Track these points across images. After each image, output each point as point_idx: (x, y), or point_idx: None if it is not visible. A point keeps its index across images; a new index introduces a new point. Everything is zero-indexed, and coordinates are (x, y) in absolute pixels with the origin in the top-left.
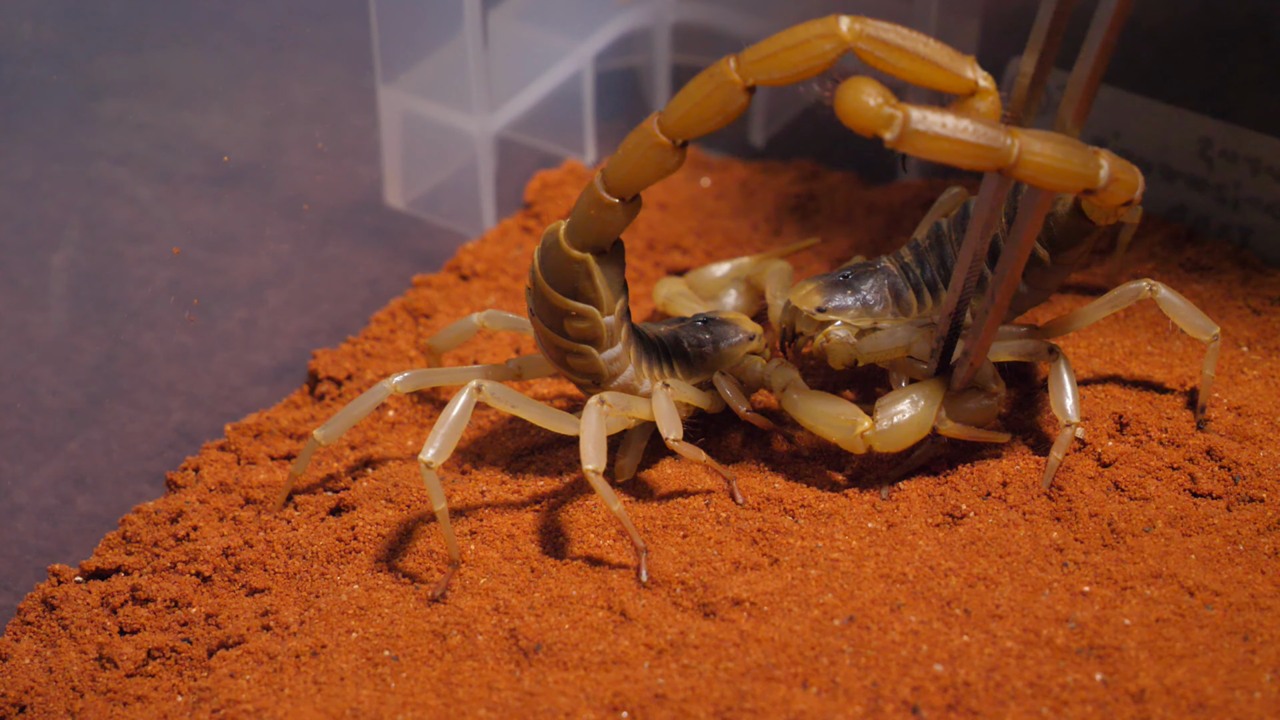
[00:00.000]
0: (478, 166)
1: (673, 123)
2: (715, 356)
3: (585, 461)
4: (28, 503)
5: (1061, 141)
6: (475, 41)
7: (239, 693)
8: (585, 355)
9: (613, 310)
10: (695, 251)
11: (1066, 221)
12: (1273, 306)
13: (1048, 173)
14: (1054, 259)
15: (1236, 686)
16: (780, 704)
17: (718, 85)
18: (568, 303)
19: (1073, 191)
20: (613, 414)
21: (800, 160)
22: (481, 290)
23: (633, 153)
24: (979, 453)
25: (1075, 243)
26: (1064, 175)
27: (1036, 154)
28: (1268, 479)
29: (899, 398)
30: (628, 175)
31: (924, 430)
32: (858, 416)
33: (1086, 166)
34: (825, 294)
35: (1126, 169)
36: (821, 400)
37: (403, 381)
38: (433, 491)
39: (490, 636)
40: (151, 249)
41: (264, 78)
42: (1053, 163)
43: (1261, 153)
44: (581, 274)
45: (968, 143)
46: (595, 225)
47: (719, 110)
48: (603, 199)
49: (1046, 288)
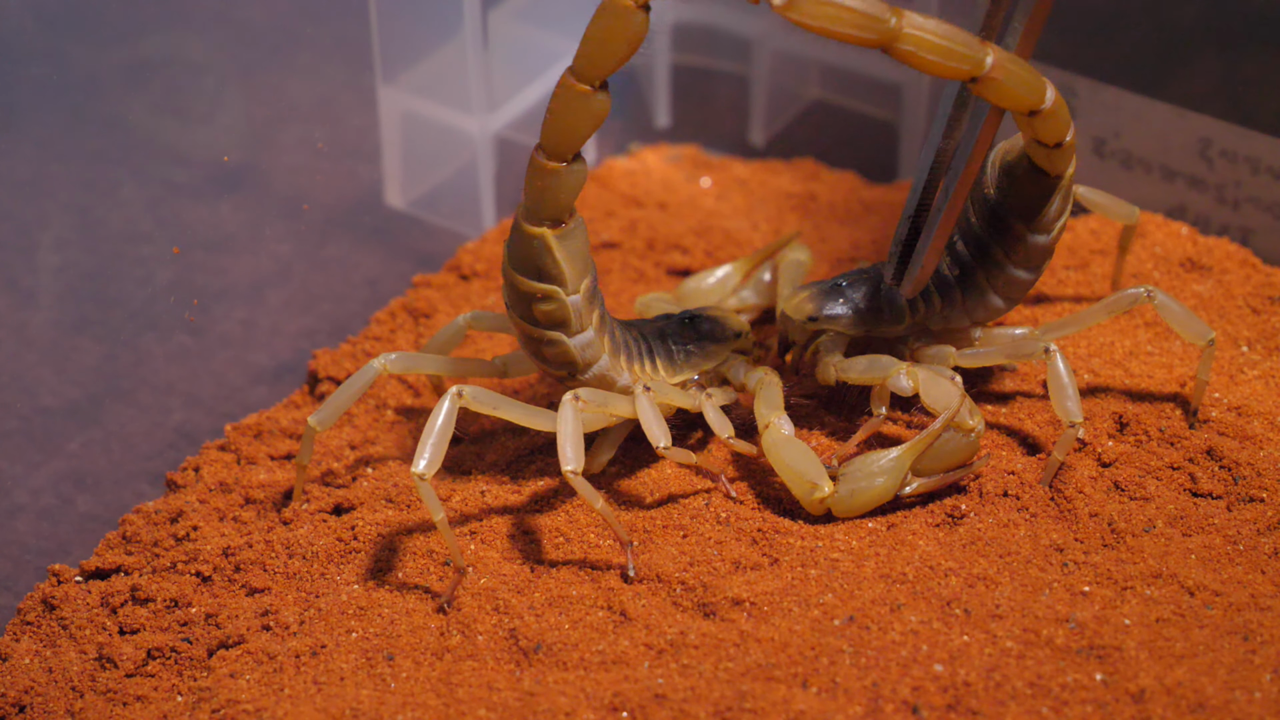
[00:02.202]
0: (478, 166)
1: (584, 66)
2: (700, 354)
3: (563, 463)
4: (28, 503)
5: (949, 26)
6: (475, 41)
7: (239, 693)
8: (556, 343)
9: (578, 289)
10: (695, 251)
11: (1022, 176)
12: (1273, 306)
13: (931, 50)
14: (1029, 228)
15: (1236, 686)
16: (780, 704)
17: (614, 15)
18: (532, 285)
19: (959, 76)
20: (588, 410)
21: (800, 160)
22: (481, 290)
23: (557, 109)
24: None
25: (1038, 203)
26: (949, 55)
27: (919, 29)
28: (1268, 479)
29: (867, 465)
30: (561, 134)
31: (885, 499)
32: (820, 479)
33: (971, 49)
34: (818, 303)
35: (1018, 66)
36: (793, 450)
37: (393, 362)
38: (429, 503)
39: (490, 636)
40: (151, 249)
41: (264, 78)
42: (936, 40)
43: (1261, 153)
44: (541, 251)
45: (854, 10)
46: (546, 196)
47: (622, 40)
48: (545, 165)
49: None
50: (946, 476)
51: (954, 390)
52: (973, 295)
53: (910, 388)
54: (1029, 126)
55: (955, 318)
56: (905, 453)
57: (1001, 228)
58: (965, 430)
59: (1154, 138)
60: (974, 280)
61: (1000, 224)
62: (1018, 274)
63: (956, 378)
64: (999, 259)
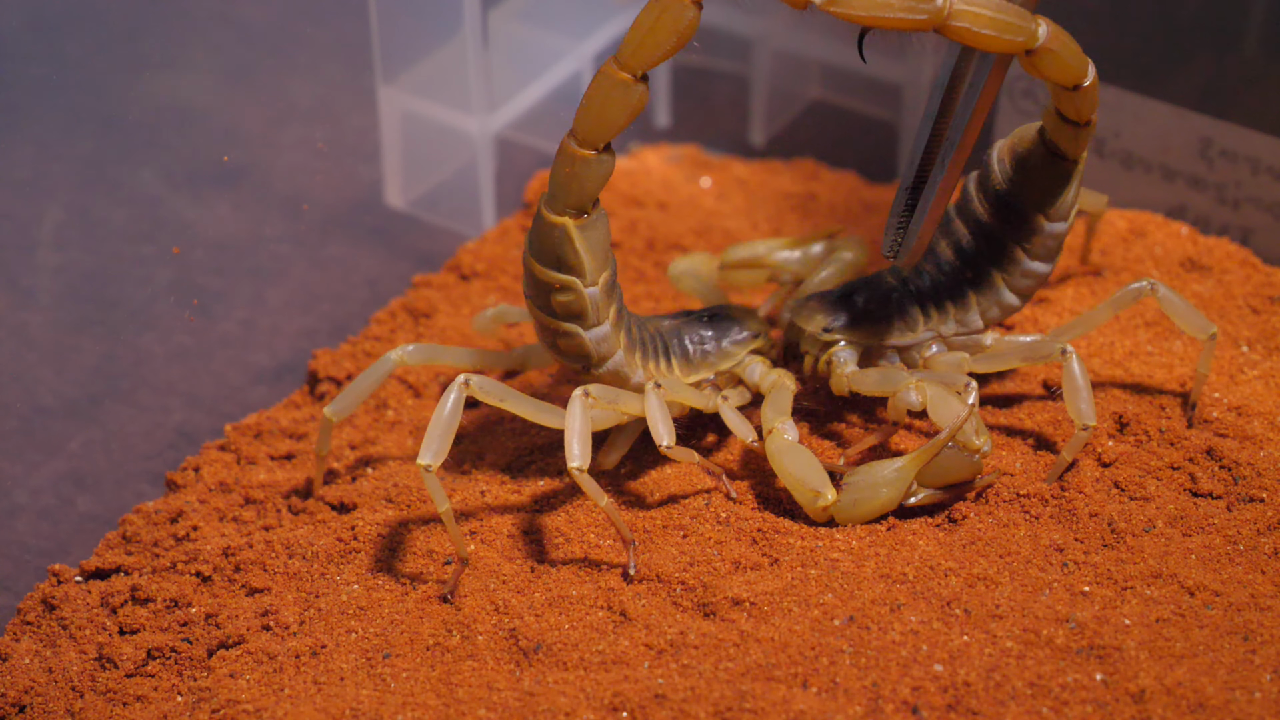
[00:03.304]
0: (477, 166)
1: (629, 56)
2: (716, 354)
3: (569, 459)
4: (28, 503)
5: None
6: (475, 41)
7: (239, 693)
8: (572, 335)
9: (596, 282)
10: (695, 251)
11: (1038, 164)
12: (1273, 306)
13: (985, 24)
14: (1048, 217)
15: (1236, 686)
16: (780, 704)
17: (665, 7)
18: (551, 274)
19: (1014, 49)
20: (598, 407)
21: (800, 160)
22: (481, 290)
23: (596, 97)
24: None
25: (1056, 189)
26: (1001, 27)
27: (970, 4)
28: (1268, 479)
29: (871, 475)
30: (596, 122)
31: (888, 509)
32: (824, 487)
33: (1024, 19)
34: (830, 313)
35: (1067, 38)
36: (797, 457)
37: (410, 353)
38: (435, 494)
39: (490, 636)
40: (151, 249)
41: (264, 78)
42: (990, 14)
43: (1261, 153)
44: (563, 240)
45: None
46: (572, 184)
47: (672, 32)
48: (576, 153)
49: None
50: (950, 491)
51: (960, 407)
52: (987, 294)
53: (919, 403)
54: (1069, 102)
55: (969, 320)
56: (909, 464)
57: (1017, 220)
58: (971, 450)
59: (1154, 138)
60: (988, 279)
61: (1015, 216)
62: (1034, 266)
63: (972, 384)
64: (1015, 254)
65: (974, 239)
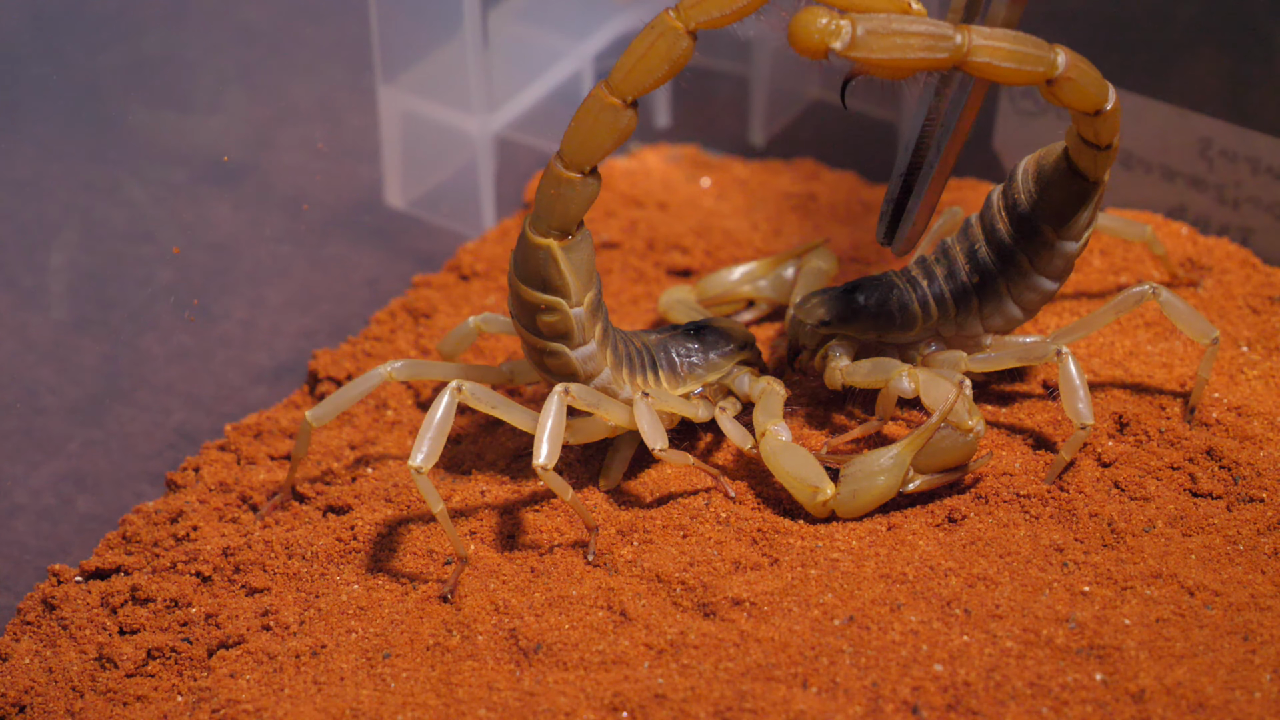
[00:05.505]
0: (477, 166)
1: (620, 81)
2: (703, 366)
3: (535, 456)
4: (28, 503)
5: (1013, 31)
6: (475, 41)
7: (239, 693)
8: (558, 355)
9: (581, 302)
10: (695, 251)
11: (1058, 181)
12: (1273, 306)
13: (1004, 57)
14: (1060, 235)
15: (1236, 686)
16: (780, 704)
17: (660, 35)
18: (537, 296)
19: (1034, 81)
20: (578, 422)
21: (800, 160)
22: (481, 290)
23: (584, 119)
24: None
25: (1073, 208)
26: (1021, 59)
27: (989, 39)
28: (1268, 479)
29: (867, 464)
30: (583, 145)
31: (887, 497)
32: (822, 483)
33: (1041, 50)
34: (829, 307)
35: (1086, 65)
36: (793, 456)
37: (398, 370)
38: (428, 496)
39: (490, 636)
40: (151, 249)
41: (264, 78)
42: (1007, 46)
43: (1261, 153)
44: (547, 262)
45: (919, 34)
46: (557, 205)
47: (665, 60)
48: (562, 175)
49: (1038, 298)
50: (947, 475)
51: (951, 388)
52: (991, 304)
53: (912, 389)
54: (1090, 126)
55: (969, 325)
56: (904, 449)
57: (1031, 235)
58: (964, 430)
59: (1154, 138)
60: (994, 288)
61: (1030, 231)
62: (1042, 283)
63: (966, 382)
64: (1024, 267)
65: (988, 247)
